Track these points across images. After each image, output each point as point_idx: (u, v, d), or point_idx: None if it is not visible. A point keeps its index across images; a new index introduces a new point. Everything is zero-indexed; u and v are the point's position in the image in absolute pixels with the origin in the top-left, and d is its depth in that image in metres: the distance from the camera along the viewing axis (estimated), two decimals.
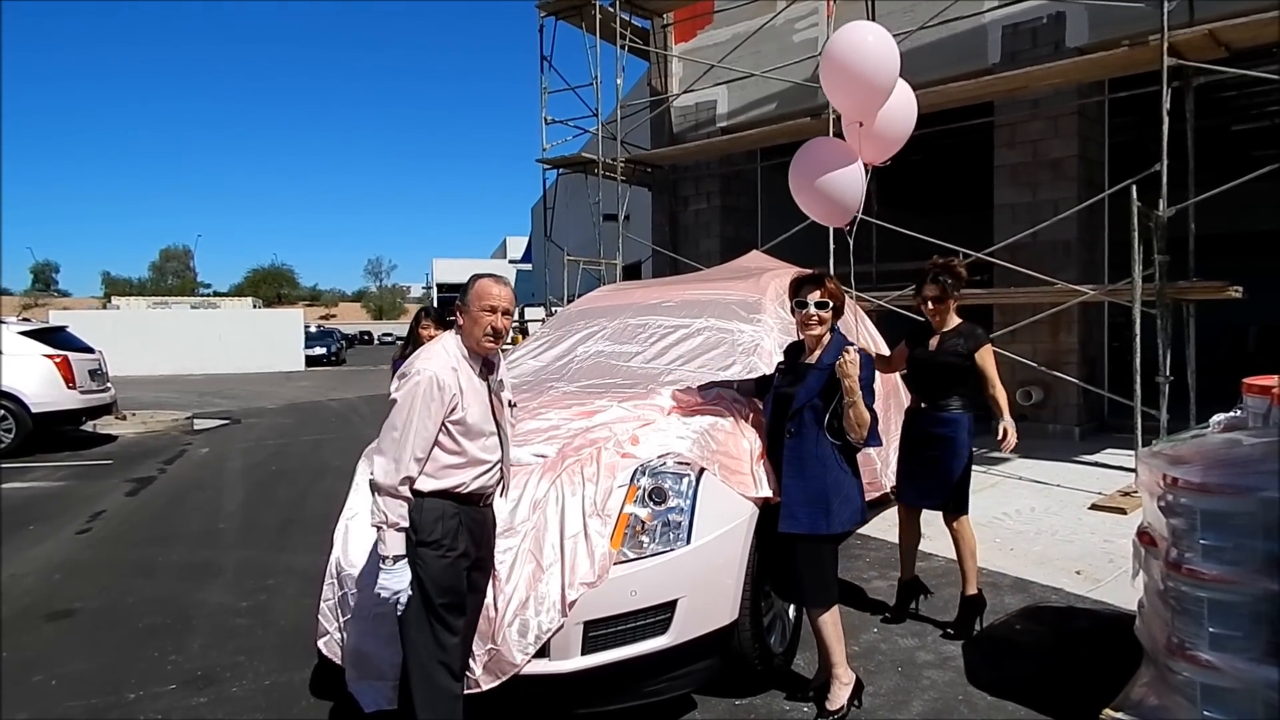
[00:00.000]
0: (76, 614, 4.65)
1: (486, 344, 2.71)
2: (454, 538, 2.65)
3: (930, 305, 4.07)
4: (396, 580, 2.57)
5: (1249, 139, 13.55)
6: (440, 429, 2.62)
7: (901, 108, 5.35)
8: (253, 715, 3.39)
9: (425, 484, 2.62)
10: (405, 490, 2.58)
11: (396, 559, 2.57)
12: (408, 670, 2.67)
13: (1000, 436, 3.94)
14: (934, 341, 4.08)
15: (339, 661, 3.27)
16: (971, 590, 4.07)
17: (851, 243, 6.41)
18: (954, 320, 4.09)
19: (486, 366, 2.78)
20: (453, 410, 2.62)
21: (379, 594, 2.60)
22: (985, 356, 3.99)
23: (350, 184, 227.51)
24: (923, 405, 4.04)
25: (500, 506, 2.99)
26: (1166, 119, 7.25)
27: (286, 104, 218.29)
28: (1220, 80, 8.27)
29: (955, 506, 4.03)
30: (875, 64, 5.06)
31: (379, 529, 2.58)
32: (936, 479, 4.01)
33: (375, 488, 2.58)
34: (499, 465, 2.80)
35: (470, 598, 2.76)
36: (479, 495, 2.76)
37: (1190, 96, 8.23)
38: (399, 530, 2.58)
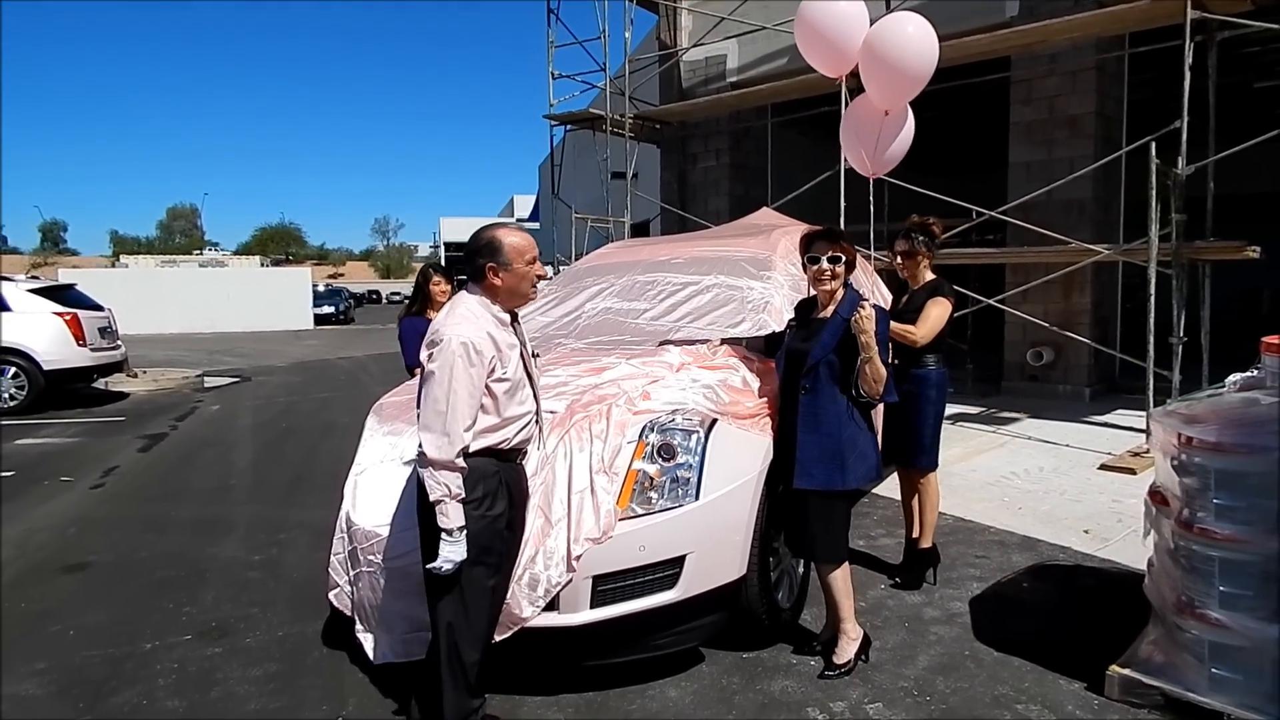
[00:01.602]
0: (91, 567, 4.71)
1: (533, 294, 2.77)
2: (494, 497, 2.63)
3: (900, 260, 4.12)
4: (459, 550, 2.54)
5: (1272, 96, 13.24)
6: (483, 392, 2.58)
7: (915, 48, 5.41)
8: (266, 665, 3.43)
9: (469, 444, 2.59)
10: (460, 460, 2.52)
11: (460, 529, 2.53)
12: (435, 631, 2.67)
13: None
14: (904, 299, 4.14)
15: (349, 613, 3.31)
16: (926, 544, 4.15)
17: (871, 199, 6.34)
18: (926, 277, 4.12)
19: (513, 317, 2.75)
20: (492, 372, 2.57)
21: (442, 566, 2.52)
22: (932, 307, 3.95)
23: (357, 142, 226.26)
24: (895, 362, 4.01)
25: None
26: (1188, 74, 7.09)
27: (292, 62, 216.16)
28: (1244, 35, 8.05)
29: (923, 462, 4.07)
30: (845, 28, 5.27)
31: (439, 503, 2.51)
32: (904, 434, 4.04)
33: (431, 463, 2.50)
34: (535, 415, 2.79)
35: (509, 561, 2.75)
36: (518, 450, 2.75)
37: (1213, 51, 8.02)
38: (460, 501, 2.54)
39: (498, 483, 2.65)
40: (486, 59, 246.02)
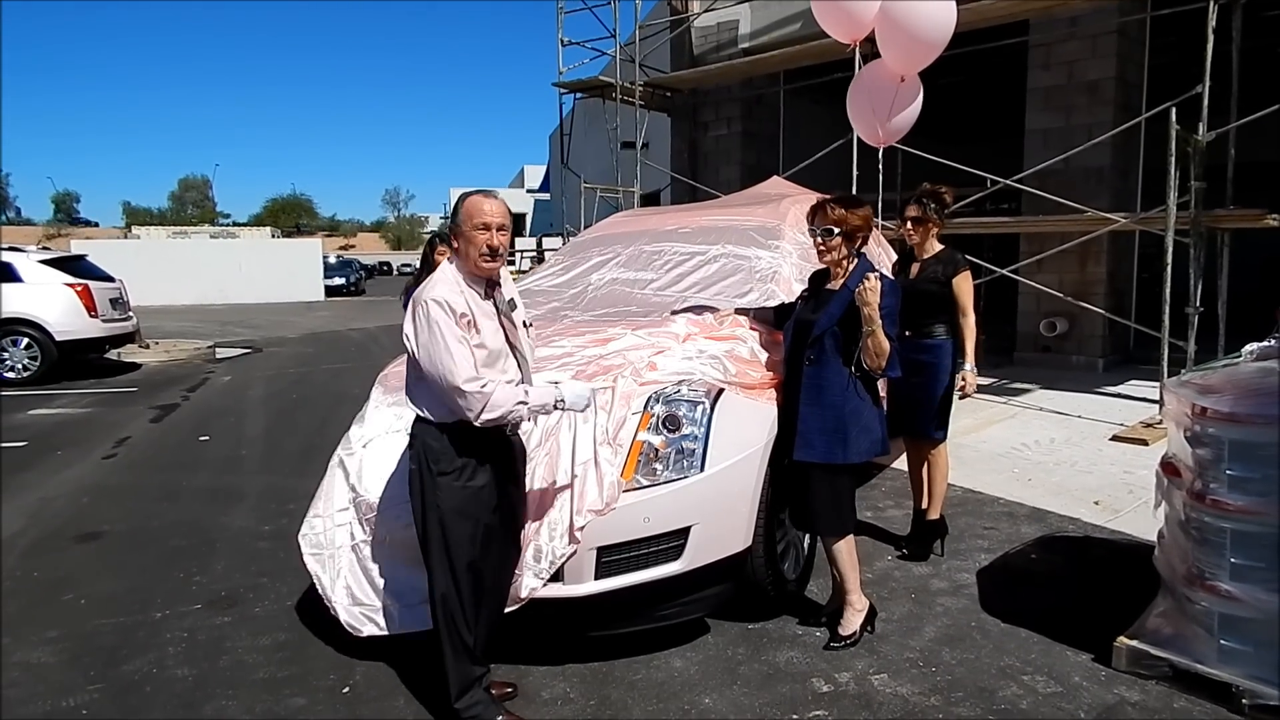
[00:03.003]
0: (104, 536, 4.75)
1: (485, 264, 2.59)
2: (476, 467, 2.61)
3: (909, 225, 4.04)
4: (575, 396, 2.67)
5: None
6: None
7: (933, 14, 5.28)
8: (275, 635, 3.46)
9: (447, 414, 2.57)
10: (490, 389, 2.47)
11: (559, 402, 2.64)
12: (432, 602, 2.67)
13: (959, 385, 3.95)
14: (914, 268, 4.08)
15: (324, 589, 3.26)
16: (935, 515, 4.13)
17: (881, 167, 6.21)
18: (935, 247, 4.08)
19: (490, 286, 2.69)
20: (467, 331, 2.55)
21: (575, 404, 2.67)
22: (961, 283, 3.94)
23: (367, 113, 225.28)
24: (906, 333, 3.96)
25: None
26: (1211, 38, 6.91)
27: (302, 31, 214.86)
28: None
29: (934, 432, 4.04)
30: None
31: (516, 417, 2.55)
32: (917, 406, 4.00)
33: (472, 412, 2.47)
34: (520, 386, 2.74)
35: (503, 531, 2.73)
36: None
37: (1238, 14, 7.81)
38: (521, 402, 2.54)
39: (481, 453, 2.63)
40: (496, 26, 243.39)
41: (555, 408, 2.66)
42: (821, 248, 3.20)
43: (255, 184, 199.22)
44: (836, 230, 3.18)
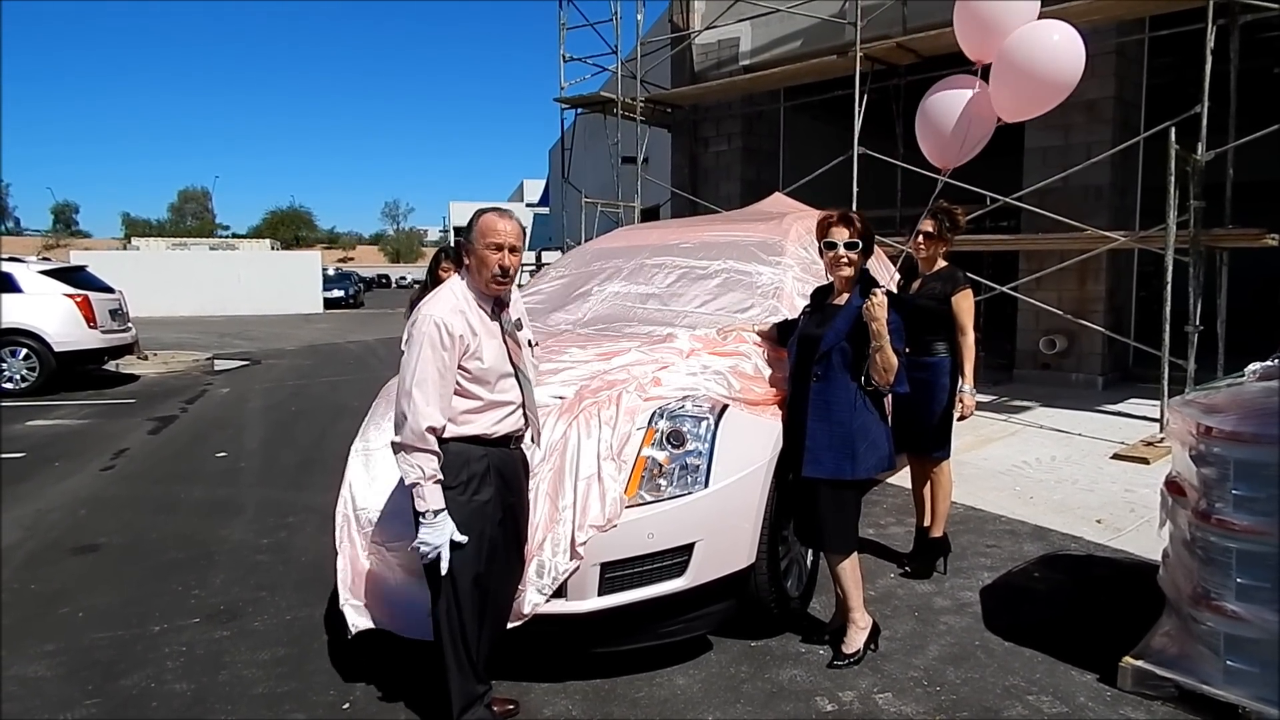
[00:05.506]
0: (102, 548, 4.73)
1: (495, 286, 2.61)
2: (480, 482, 2.60)
3: (922, 239, 4.04)
4: (437, 534, 2.51)
5: None
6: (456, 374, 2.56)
7: (1053, 57, 4.55)
8: (274, 649, 3.43)
9: (449, 430, 2.57)
10: (431, 441, 2.49)
11: (436, 513, 2.51)
12: (435, 617, 2.65)
13: (957, 405, 3.94)
14: (915, 284, 4.08)
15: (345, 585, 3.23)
16: (937, 533, 4.12)
17: (940, 184, 6.08)
18: (940, 264, 4.08)
19: (498, 305, 2.69)
20: (465, 354, 2.55)
21: (418, 548, 2.53)
22: (961, 301, 3.94)
23: (367, 126, 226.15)
24: (906, 350, 3.96)
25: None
26: (1210, 58, 6.96)
27: (303, 44, 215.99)
28: (1266, 19, 7.91)
29: (935, 451, 4.04)
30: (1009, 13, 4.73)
31: (415, 486, 2.50)
32: (916, 423, 3.98)
33: (399, 447, 2.50)
34: (521, 407, 2.73)
35: (506, 547, 2.72)
36: (508, 438, 2.71)
37: (1235, 35, 7.88)
38: (435, 483, 2.51)
39: (485, 468, 2.62)
40: (498, 41, 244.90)
41: (419, 514, 2.53)
42: (844, 260, 3.19)
43: (255, 196, 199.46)
44: (861, 244, 3.18)
